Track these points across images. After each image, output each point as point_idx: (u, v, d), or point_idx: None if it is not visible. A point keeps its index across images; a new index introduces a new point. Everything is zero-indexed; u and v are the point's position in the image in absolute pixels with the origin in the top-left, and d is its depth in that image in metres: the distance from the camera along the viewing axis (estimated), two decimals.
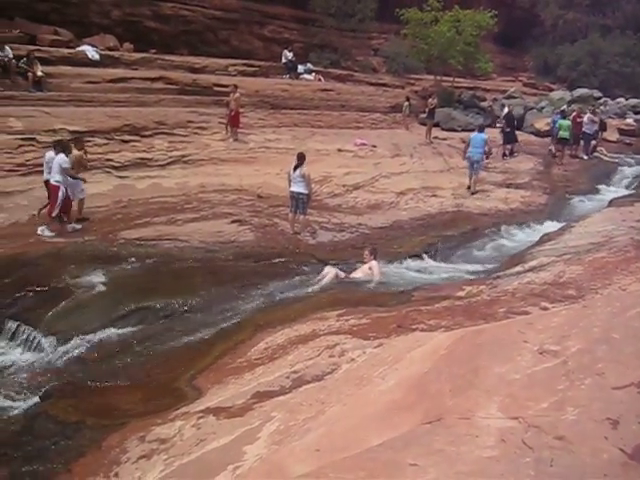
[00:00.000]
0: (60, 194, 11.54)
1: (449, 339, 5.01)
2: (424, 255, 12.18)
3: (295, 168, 12.23)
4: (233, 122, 18.38)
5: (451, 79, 30.15)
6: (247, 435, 4.63)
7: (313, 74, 26.53)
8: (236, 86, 19.11)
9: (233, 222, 12.36)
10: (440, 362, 4.45)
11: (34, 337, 7.90)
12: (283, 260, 10.90)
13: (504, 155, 22.08)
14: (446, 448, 3.03)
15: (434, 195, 16.92)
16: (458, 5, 28.69)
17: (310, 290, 9.43)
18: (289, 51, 25.86)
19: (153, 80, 19.94)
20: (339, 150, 19.76)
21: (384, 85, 28.65)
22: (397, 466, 2.92)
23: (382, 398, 4.29)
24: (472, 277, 10.45)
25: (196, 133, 17.68)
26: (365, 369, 5.35)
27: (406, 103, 25.24)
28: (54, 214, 11.67)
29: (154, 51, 22.58)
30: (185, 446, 4.80)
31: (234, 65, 24.11)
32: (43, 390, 6.56)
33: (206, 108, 19.20)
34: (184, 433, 5.02)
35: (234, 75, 23.18)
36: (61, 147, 11.86)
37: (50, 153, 11.99)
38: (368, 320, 7.25)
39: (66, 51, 19.78)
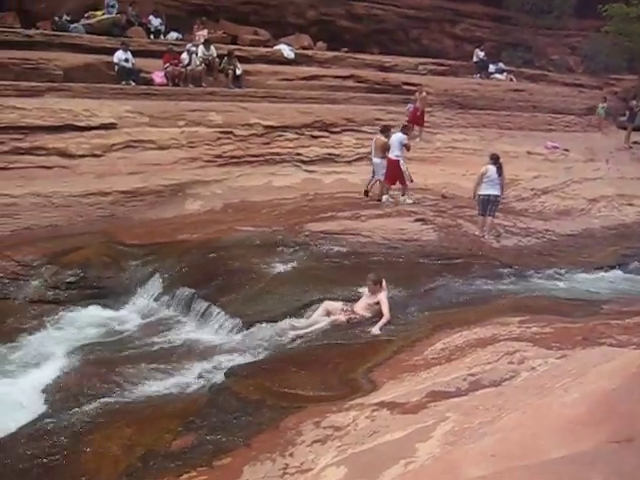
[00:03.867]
0: (402, 167, 13.49)
1: None
2: (616, 267, 11.47)
3: (497, 170, 12.03)
4: (418, 121, 18.34)
5: None
6: (420, 432, 4.62)
7: (504, 74, 25.77)
8: (422, 85, 19.13)
9: (416, 221, 12.33)
10: (631, 380, 4.17)
11: (222, 318, 8.39)
12: (465, 262, 10.73)
13: None
14: (637, 472, 2.84)
15: (630, 204, 15.88)
16: None
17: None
18: (481, 50, 25.33)
19: (344, 78, 20.44)
20: (528, 153, 19.10)
21: (580, 85, 27.26)
22: None
23: (564, 411, 4.10)
24: None
25: None
26: (546, 379, 5.15)
27: (603, 105, 23.85)
28: (407, 182, 13.79)
29: (346, 50, 23.06)
30: (358, 436, 4.87)
31: (424, 64, 24.04)
32: (228, 368, 6.94)
33: (394, 106, 19.31)
34: (358, 423, 5.10)
35: (424, 74, 23.14)
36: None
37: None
38: (551, 329, 6.96)
39: (264, 50, 20.77)
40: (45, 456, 5.60)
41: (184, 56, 17.43)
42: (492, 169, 12.06)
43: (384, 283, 8.46)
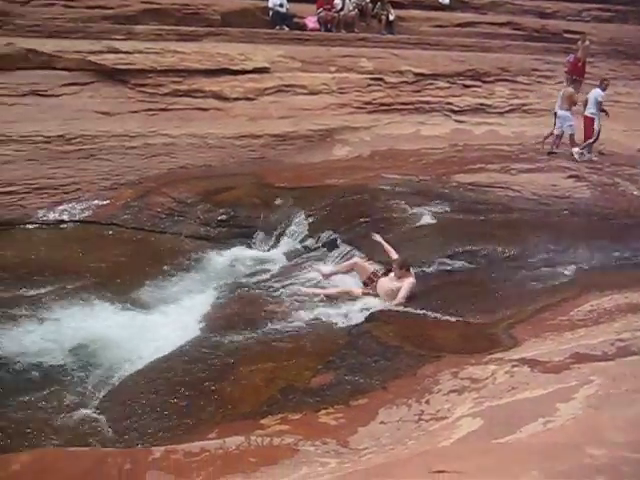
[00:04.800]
0: (595, 125, 13.11)
1: None
2: None
3: None
4: (579, 73, 17.30)
5: None
6: (561, 393, 4.50)
7: None
8: (585, 34, 17.96)
9: (569, 177, 11.76)
10: None
11: None
12: (620, 223, 10.12)
13: None
14: None
15: None
16: None
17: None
18: None
19: (500, 25, 19.63)
20: None
21: None
22: None
23: None
24: None
25: (539, 82, 17.05)
26: None
27: None
28: (591, 141, 13.28)
29: None
30: (496, 390, 4.82)
31: (588, 10, 22.44)
32: (369, 313, 7.09)
33: (553, 56, 18.26)
34: (496, 378, 5.04)
35: (587, 21, 21.67)
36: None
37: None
38: None
39: None
40: (194, 381, 6.01)
41: (337, 1, 17.34)
42: None
43: (412, 270, 7.83)
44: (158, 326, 7.23)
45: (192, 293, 8.24)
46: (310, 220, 9.90)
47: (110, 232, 10.55)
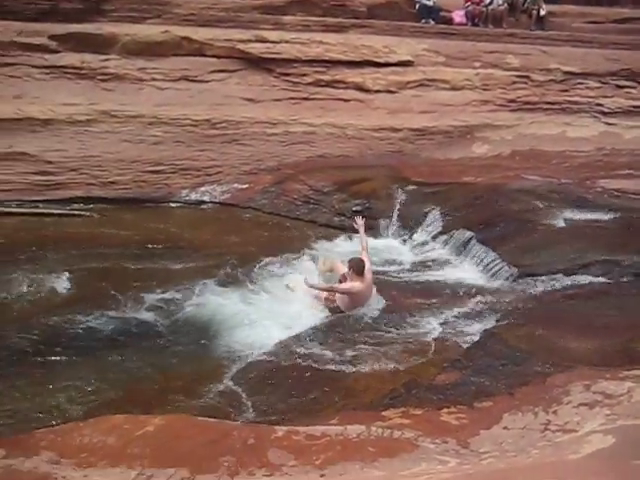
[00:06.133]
0: None
1: None
2: None
3: None
4: None
5: None
6: None
7: None
8: None
9: None
10: None
11: (498, 265, 8.34)
12: None
13: None
14: None
15: None
16: None
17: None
18: None
19: None
20: None
21: None
22: None
23: None
24: None
25: None
26: None
27: None
28: None
29: None
30: (632, 408, 4.60)
31: None
32: (499, 315, 6.92)
33: None
34: (633, 395, 4.80)
35: None
36: None
37: None
38: None
39: None
40: (320, 366, 6.13)
41: None
42: None
43: (367, 274, 7.20)
44: (288, 309, 7.40)
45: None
46: (445, 217, 9.79)
47: (247, 215, 10.97)
